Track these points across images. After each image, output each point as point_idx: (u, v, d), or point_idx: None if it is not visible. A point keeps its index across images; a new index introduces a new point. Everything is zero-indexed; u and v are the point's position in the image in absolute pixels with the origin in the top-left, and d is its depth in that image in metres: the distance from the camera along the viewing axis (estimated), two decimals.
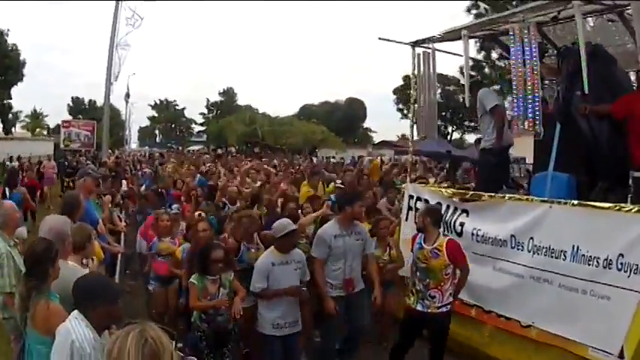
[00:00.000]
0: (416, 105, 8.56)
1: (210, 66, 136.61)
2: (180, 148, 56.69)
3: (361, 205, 6.25)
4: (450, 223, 7.18)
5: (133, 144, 55.95)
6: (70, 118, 49.86)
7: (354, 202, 6.31)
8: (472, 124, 55.65)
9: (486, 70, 41.15)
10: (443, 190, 7.99)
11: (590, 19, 7.98)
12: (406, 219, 8.27)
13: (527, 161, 30.12)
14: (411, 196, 8.29)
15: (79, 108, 68.26)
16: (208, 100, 76.84)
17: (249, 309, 6.02)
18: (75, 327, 3.23)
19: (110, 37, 28.87)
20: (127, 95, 40.63)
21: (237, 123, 58.16)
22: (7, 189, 15.14)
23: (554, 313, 5.71)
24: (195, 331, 5.65)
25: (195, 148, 59.18)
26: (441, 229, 7.25)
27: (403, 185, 8.70)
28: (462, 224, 7.03)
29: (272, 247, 5.92)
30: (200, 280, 5.59)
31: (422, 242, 5.86)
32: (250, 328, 6.46)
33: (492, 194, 6.83)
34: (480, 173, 8.32)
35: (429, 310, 5.71)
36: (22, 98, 71.45)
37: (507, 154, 7.75)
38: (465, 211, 7.06)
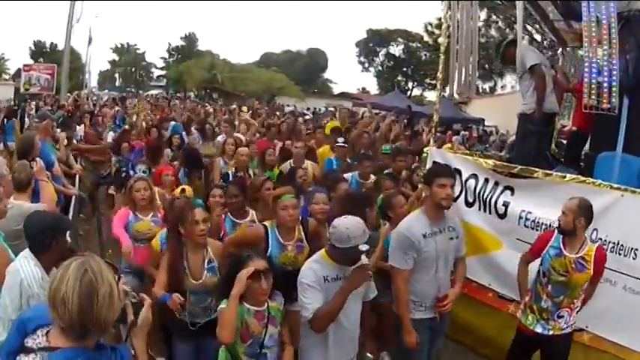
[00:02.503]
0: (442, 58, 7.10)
1: (173, 10, 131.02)
2: (139, 92, 54.15)
3: (443, 184, 4.34)
4: (489, 200, 5.98)
5: (93, 88, 53.19)
6: (31, 62, 46.61)
7: (436, 177, 4.39)
8: (433, 81, 55.82)
9: (451, 29, 40.31)
10: (481, 159, 6.49)
11: None
12: None
13: (486, 123, 29.97)
14: (435, 164, 6.78)
15: (40, 51, 63.66)
16: (170, 44, 73.43)
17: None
18: (24, 266, 3.24)
19: None
20: (90, 39, 38.08)
21: (196, 68, 55.99)
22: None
23: (613, 318, 4.82)
24: None
25: (154, 92, 56.63)
26: (478, 207, 6.13)
27: (426, 149, 7.17)
28: (505, 204, 5.79)
29: (322, 251, 3.89)
30: (237, 309, 3.52)
31: (562, 247, 4.47)
32: None
33: (549, 172, 5.62)
34: (517, 143, 7.08)
35: (551, 333, 4.53)
36: None
37: (551, 122, 6.62)
38: (510, 189, 5.83)
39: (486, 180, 6.12)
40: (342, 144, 8.46)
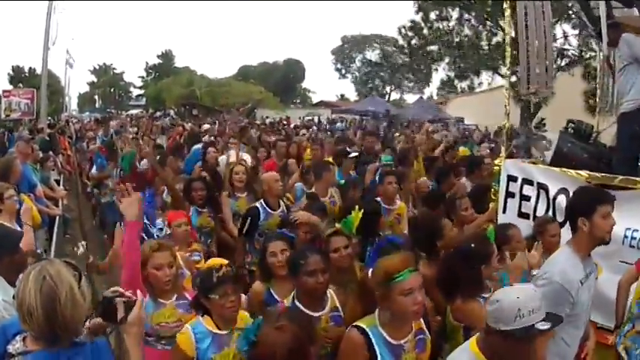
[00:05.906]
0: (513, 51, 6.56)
1: (149, 28, 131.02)
2: (119, 112, 53.48)
3: (608, 212, 3.32)
4: None
5: (73, 111, 52.38)
6: (11, 87, 45.93)
7: (598, 205, 3.32)
8: (411, 84, 55.97)
9: (424, 31, 40.62)
10: (572, 171, 5.28)
11: None
12: (504, 210, 5.73)
13: (465, 122, 29.82)
14: (511, 178, 5.74)
15: (19, 77, 62.16)
16: (147, 63, 72.68)
17: None
18: None
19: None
20: (67, 62, 37.60)
21: (175, 85, 55.43)
22: None
23: None
24: None
25: (134, 112, 56.02)
26: None
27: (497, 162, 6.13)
28: None
29: (470, 345, 2.57)
30: None
31: None
32: None
33: None
34: (620, 146, 5.85)
35: None
36: None
37: None
38: None
39: None
40: (352, 154, 6.99)
